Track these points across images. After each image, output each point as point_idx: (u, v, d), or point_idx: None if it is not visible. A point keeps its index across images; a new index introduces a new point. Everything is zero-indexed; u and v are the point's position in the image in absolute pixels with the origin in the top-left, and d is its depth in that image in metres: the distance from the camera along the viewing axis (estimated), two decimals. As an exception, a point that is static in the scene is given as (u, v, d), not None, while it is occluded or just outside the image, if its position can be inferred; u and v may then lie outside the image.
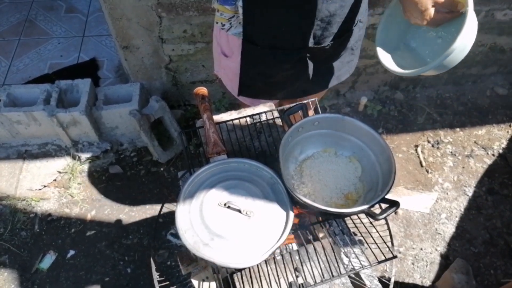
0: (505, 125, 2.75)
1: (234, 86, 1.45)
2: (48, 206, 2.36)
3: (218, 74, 1.57)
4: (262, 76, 1.35)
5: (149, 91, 2.59)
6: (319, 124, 1.25)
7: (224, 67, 1.46)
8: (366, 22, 1.43)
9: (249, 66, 1.32)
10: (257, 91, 1.44)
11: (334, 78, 1.50)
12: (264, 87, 1.43)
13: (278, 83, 1.39)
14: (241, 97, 1.49)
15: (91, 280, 2.12)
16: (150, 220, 2.31)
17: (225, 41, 1.34)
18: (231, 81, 1.46)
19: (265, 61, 1.27)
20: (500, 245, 2.22)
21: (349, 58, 1.47)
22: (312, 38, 1.24)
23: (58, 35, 3.14)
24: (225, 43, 1.35)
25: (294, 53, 1.27)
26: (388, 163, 1.14)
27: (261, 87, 1.42)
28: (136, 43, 2.30)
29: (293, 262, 1.17)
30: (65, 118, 2.30)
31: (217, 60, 1.51)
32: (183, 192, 1.12)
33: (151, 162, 2.54)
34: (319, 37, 1.24)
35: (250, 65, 1.32)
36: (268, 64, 1.29)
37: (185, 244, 1.03)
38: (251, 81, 1.39)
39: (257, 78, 1.37)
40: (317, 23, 1.18)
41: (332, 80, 1.50)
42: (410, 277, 2.12)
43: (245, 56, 1.29)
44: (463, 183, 2.46)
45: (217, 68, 1.56)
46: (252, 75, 1.36)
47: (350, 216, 1.24)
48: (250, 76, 1.37)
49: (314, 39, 1.24)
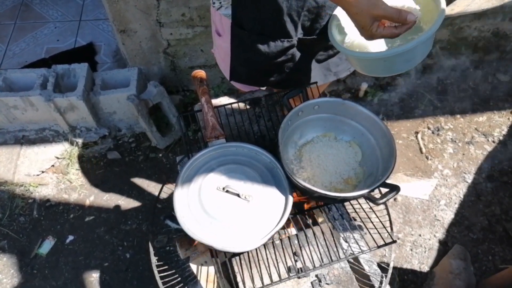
0: (506, 112, 2.73)
1: (225, 67, 1.42)
2: (46, 192, 2.35)
3: (214, 53, 1.54)
4: (250, 63, 1.31)
5: (147, 76, 2.56)
6: (319, 108, 1.23)
7: (218, 46, 1.43)
8: None
9: (239, 50, 1.29)
10: (246, 77, 1.40)
11: (331, 74, 1.45)
12: (253, 74, 1.38)
13: (267, 71, 1.35)
14: (232, 82, 1.46)
15: (90, 265, 2.12)
16: (148, 205, 2.31)
17: (218, 19, 1.30)
18: (223, 61, 1.43)
19: (253, 48, 1.23)
20: (498, 232, 2.22)
21: None
22: (301, 29, 1.20)
23: (55, 19, 3.09)
24: (218, 22, 1.32)
25: (282, 42, 1.22)
26: (388, 148, 1.13)
27: (250, 73, 1.38)
28: (133, 27, 2.26)
29: (292, 247, 1.16)
30: (62, 103, 2.28)
31: (213, 38, 1.48)
32: (181, 176, 1.11)
33: (149, 148, 2.52)
34: (309, 28, 1.21)
35: (239, 50, 1.29)
36: (256, 51, 1.25)
37: (183, 228, 1.02)
38: (240, 67, 1.36)
39: (245, 64, 1.33)
40: (304, 13, 1.14)
41: (329, 76, 1.45)
42: (409, 263, 2.13)
43: (234, 40, 1.26)
44: (463, 170, 2.46)
45: (214, 46, 1.53)
46: (241, 61, 1.33)
47: (350, 200, 1.23)
48: (239, 61, 1.33)
49: (303, 30, 1.21)
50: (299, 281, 1.13)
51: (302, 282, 1.13)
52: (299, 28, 1.19)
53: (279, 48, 1.23)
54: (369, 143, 1.23)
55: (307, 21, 1.17)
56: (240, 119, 1.33)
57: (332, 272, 1.14)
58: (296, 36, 1.21)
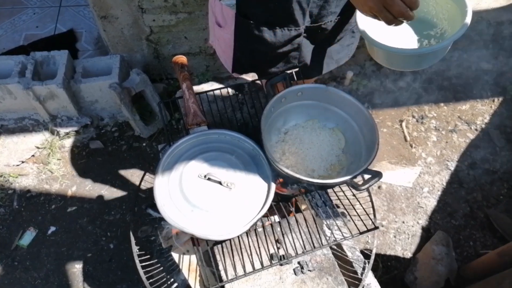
0: (488, 100, 2.76)
1: (227, 59, 1.39)
2: (27, 182, 2.30)
3: (213, 44, 1.50)
4: (255, 54, 1.29)
5: (130, 64, 2.51)
6: (303, 95, 1.22)
7: (218, 37, 1.39)
8: None
9: (242, 42, 1.26)
10: (250, 68, 1.38)
11: (333, 62, 1.44)
12: (257, 65, 1.36)
13: (273, 62, 1.33)
14: (235, 74, 1.43)
15: (73, 256, 2.09)
16: (132, 195, 2.27)
17: (219, 10, 1.27)
18: (224, 53, 1.40)
19: (259, 38, 1.20)
20: (479, 218, 2.26)
21: (350, 41, 1.40)
22: (309, 17, 1.18)
23: (33, 5, 3.00)
24: (219, 13, 1.28)
25: (290, 30, 1.20)
26: (371, 134, 1.12)
27: (254, 64, 1.35)
28: (114, 13, 2.20)
29: (275, 234, 1.16)
30: (42, 91, 2.22)
31: (212, 30, 1.43)
32: (162, 164, 1.08)
33: (133, 137, 2.48)
34: (316, 15, 1.19)
35: (243, 41, 1.26)
36: (262, 41, 1.22)
37: (163, 217, 1.01)
38: (244, 58, 1.33)
39: (250, 55, 1.30)
40: (313, 0, 1.12)
41: (331, 64, 1.44)
42: (392, 249, 2.16)
43: (239, 31, 1.23)
44: (446, 158, 2.48)
45: (212, 38, 1.49)
46: (245, 52, 1.30)
47: (332, 187, 1.23)
48: (243, 53, 1.31)
49: (311, 18, 1.19)
50: (281, 268, 1.13)
51: (285, 269, 1.13)
52: (307, 15, 1.17)
53: (286, 37, 1.21)
54: (353, 130, 1.22)
55: (316, 8, 1.15)
56: (223, 106, 1.31)
57: (315, 259, 1.14)
58: (303, 24, 1.19)
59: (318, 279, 1.12)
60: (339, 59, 1.44)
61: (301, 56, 1.29)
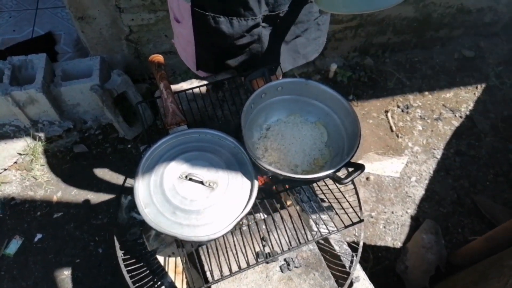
0: (472, 87, 2.78)
1: (188, 57, 1.35)
2: (10, 190, 2.25)
3: (174, 43, 1.48)
4: (216, 48, 1.26)
5: (110, 65, 2.47)
6: (283, 90, 1.20)
7: (178, 34, 1.36)
8: None
9: (202, 36, 1.23)
10: (214, 65, 1.34)
11: (300, 56, 1.41)
12: (220, 59, 1.33)
13: (234, 55, 1.29)
14: (200, 72, 1.40)
15: (61, 263, 2.06)
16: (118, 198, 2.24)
17: (176, 5, 1.24)
18: (185, 51, 1.36)
19: (216, 30, 1.18)
20: (467, 205, 2.27)
21: (315, 34, 1.38)
22: (265, 5, 1.16)
23: (9, 8, 2.93)
24: (176, 8, 1.25)
25: (247, 20, 1.17)
26: (353, 126, 1.12)
27: (217, 59, 1.32)
28: (92, 13, 2.16)
29: (260, 232, 1.15)
30: (21, 97, 2.17)
31: (172, 26, 1.41)
32: (141, 166, 1.06)
33: (117, 139, 2.45)
34: (273, 4, 1.16)
35: (203, 35, 1.23)
36: (220, 33, 1.19)
37: (145, 220, 0.99)
38: (206, 54, 1.30)
39: (211, 49, 1.27)
40: None
41: (298, 59, 1.41)
42: (382, 240, 2.16)
43: (196, 25, 1.20)
44: (432, 146, 2.50)
45: (174, 36, 1.46)
46: (206, 47, 1.27)
47: (316, 182, 1.22)
48: (203, 47, 1.28)
49: (268, 6, 1.16)
50: (268, 266, 1.12)
51: (271, 267, 1.12)
52: (263, 3, 1.14)
53: (244, 27, 1.18)
54: (335, 123, 1.21)
55: None
56: (203, 104, 1.29)
57: (301, 255, 1.14)
58: (260, 13, 1.17)
59: (305, 275, 1.11)
60: (306, 53, 1.41)
61: (262, 48, 1.27)
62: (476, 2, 2.68)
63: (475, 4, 2.70)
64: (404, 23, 2.70)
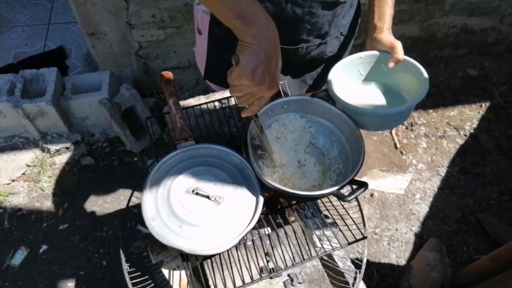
0: (476, 106, 2.80)
1: (202, 66, 1.40)
2: (17, 201, 2.28)
3: (195, 51, 1.51)
4: (225, 63, 1.29)
5: (119, 79, 2.52)
6: (288, 107, 1.23)
7: (198, 44, 1.39)
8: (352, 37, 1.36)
9: (214, 49, 1.27)
10: (221, 79, 1.38)
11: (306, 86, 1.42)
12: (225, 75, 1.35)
13: None
14: (207, 81, 1.44)
15: (65, 275, 2.07)
16: (124, 211, 2.26)
17: (200, 16, 1.27)
18: (201, 60, 1.40)
19: (228, 47, 1.21)
20: (472, 223, 2.27)
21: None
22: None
23: (22, 23, 3.01)
24: (199, 19, 1.28)
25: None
26: (357, 144, 1.13)
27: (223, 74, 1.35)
28: (103, 29, 2.22)
29: (264, 247, 1.16)
30: (32, 109, 2.22)
31: (195, 36, 1.45)
32: (149, 179, 1.08)
33: (124, 152, 2.48)
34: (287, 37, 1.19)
35: (215, 49, 1.26)
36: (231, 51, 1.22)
37: (152, 233, 1.00)
38: (215, 67, 1.33)
39: (220, 64, 1.30)
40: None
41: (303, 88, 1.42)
42: (386, 257, 2.16)
43: (211, 39, 1.24)
44: (436, 164, 2.50)
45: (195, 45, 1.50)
46: (216, 61, 1.30)
47: (320, 198, 1.23)
48: (214, 61, 1.31)
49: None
50: (271, 282, 1.12)
51: (275, 282, 1.12)
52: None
53: None
54: (340, 140, 1.23)
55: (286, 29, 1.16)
56: (210, 120, 1.31)
57: (304, 271, 1.14)
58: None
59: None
60: (312, 84, 1.43)
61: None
62: (480, 22, 2.72)
63: (479, 24, 2.74)
64: (409, 42, 2.74)
